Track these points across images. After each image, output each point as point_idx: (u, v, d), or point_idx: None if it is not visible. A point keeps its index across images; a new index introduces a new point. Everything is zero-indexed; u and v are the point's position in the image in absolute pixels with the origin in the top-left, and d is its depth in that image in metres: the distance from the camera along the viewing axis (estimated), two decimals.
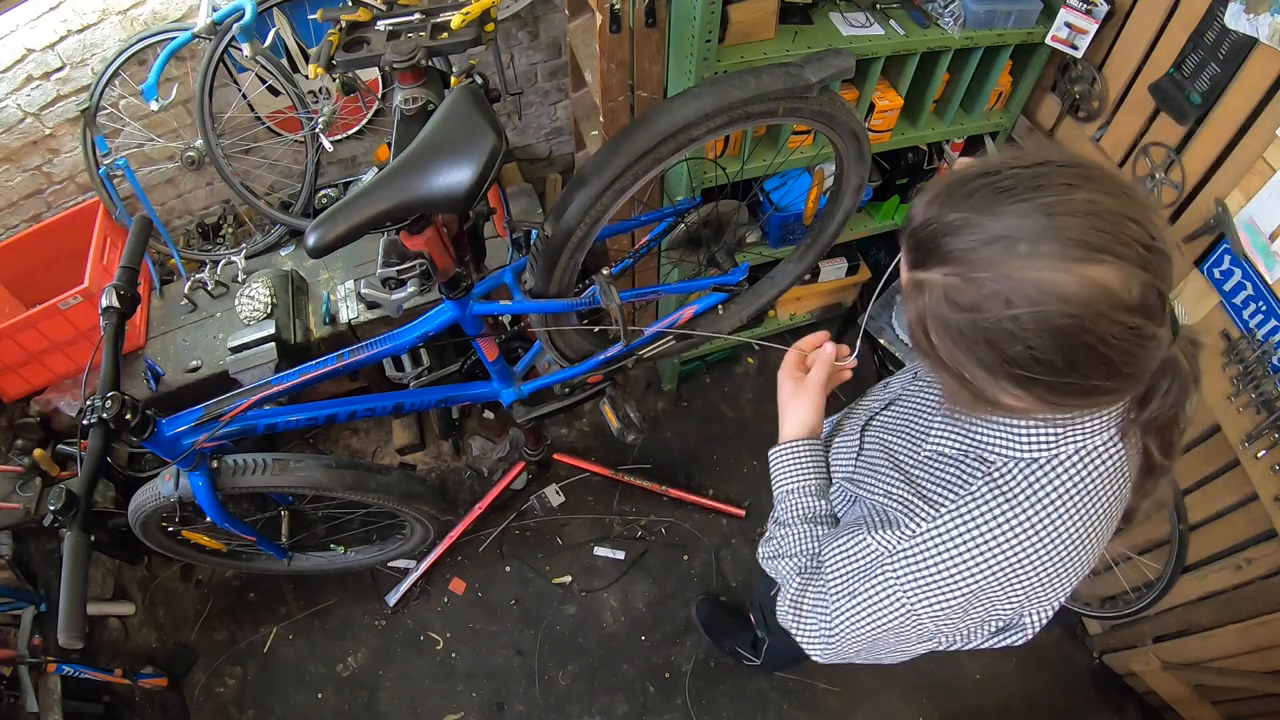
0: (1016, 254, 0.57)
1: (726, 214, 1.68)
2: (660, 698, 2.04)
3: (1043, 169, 0.60)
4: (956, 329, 0.62)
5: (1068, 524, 0.69)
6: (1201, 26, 1.43)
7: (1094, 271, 0.56)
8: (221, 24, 1.87)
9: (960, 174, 0.63)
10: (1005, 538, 0.70)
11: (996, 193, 0.59)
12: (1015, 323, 0.58)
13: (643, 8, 1.40)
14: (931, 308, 0.63)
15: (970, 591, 0.73)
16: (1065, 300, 0.56)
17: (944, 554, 0.72)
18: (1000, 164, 0.61)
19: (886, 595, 0.78)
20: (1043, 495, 0.69)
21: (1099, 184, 0.58)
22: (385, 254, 1.32)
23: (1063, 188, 0.58)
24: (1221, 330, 1.52)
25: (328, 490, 1.56)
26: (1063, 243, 0.56)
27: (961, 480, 0.73)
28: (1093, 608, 2.10)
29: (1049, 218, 0.57)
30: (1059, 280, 0.56)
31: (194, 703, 2.00)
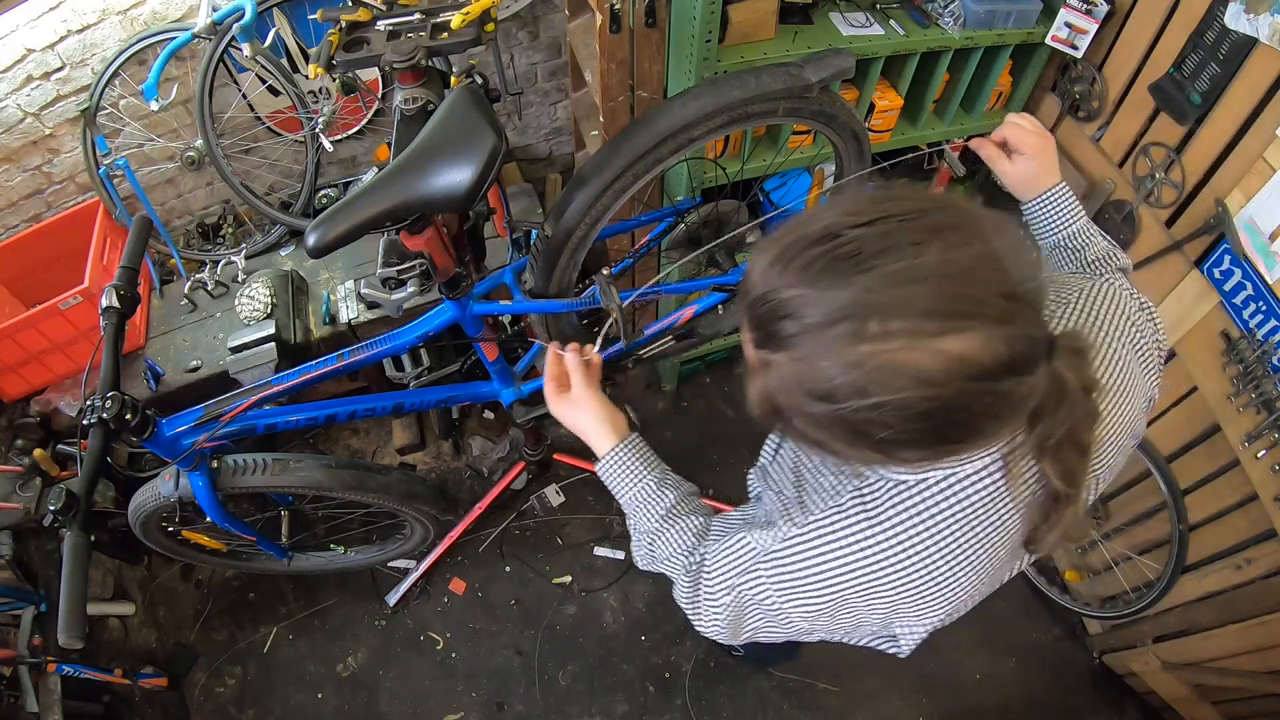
0: (866, 336, 0.52)
1: (726, 214, 1.68)
2: (660, 698, 2.04)
3: (885, 227, 0.53)
4: (811, 416, 0.57)
5: (930, 548, 0.67)
6: (1201, 26, 1.43)
7: (952, 344, 0.51)
8: (221, 24, 1.87)
9: (797, 235, 0.56)
10: (864, 553, 0.69)
11: (836, 261, 0.53)
12: (875, 411, 0.54)
13: (643, 8, 1.40)
14: (782, 393, 0.58)
15: (831, 600, 0.73)
16: (926, 383, 0.52)
17: (806, 560, 0.72)
18: (838, 224, 0.55)
19: (759, 592, 0.78)
20: (906, 517, 0.67)
21: (950, 234, 0.53)
22: (385, 254, 1.32)
23: (910, 249, 0.52)
24: (1221, 330, 1.52)
25: (328, 490, 1.56)
26: (915, 317, 0.51)
27: (835, 489, 0.73)
28: (1093, 608, 2.10)
29: (897, 288, 0.51)
30: (917, 361, 0.51)
31: (194, 703, 2.00)
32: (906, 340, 0.51)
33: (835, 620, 0.77)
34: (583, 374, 0.94)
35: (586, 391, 0.94)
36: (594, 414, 0.93)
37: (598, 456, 0.95)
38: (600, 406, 0.93)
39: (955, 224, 0.54)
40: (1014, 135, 0.96)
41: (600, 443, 0.94)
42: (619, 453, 0.93)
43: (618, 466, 0.93)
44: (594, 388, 0.95)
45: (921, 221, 0.53)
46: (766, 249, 0.58)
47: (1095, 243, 0.96)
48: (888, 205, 0.55)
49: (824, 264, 0.53)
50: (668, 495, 0.92)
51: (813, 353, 0.54)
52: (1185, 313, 1.60)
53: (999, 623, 2.18)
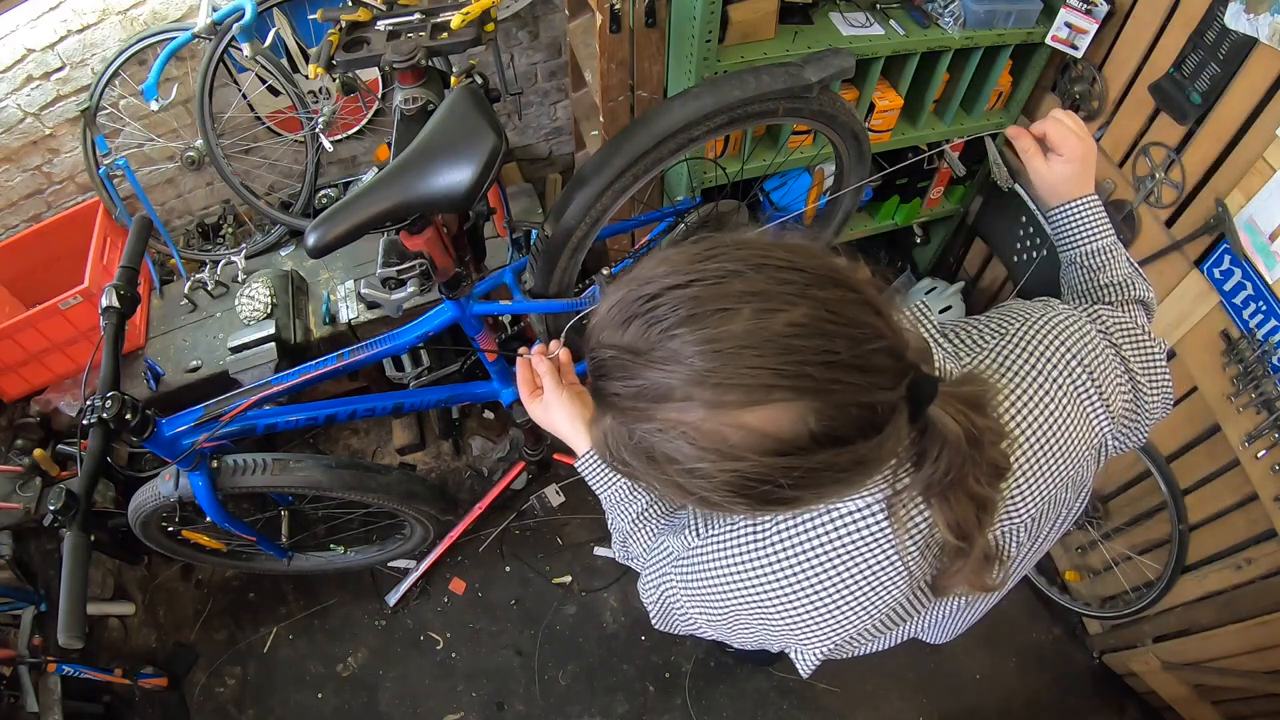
0: (672, 403, 0.51)
1: (726, 214, 1.68)
2: (660, 697, 2.04)
3: (697, 290, 0.51)
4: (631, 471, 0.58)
5: (810, 578, 0.67)
6: (1201, 26, 1.43)
7: (754, 417, 0.50)
8: (221, 24, 1.87)
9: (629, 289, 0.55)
10: (748, 572, 0.69)
11: (649, 325, 0.52)
12: (686, 475, 0.53)
13: (643, 8, 1.40)
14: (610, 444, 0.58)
15: (725, 610, 0.74)
16: (726, 455, 0.51)
17: (702, 570, 0.74)
18: (660, 283, 0.53)
19: (670, 594, 0.82)
20: (788, 544, 0.67)
21: (764, 300, 0.50)
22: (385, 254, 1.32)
23: (716, 316, 0.49)
24: (1221, 330, 1.52)
25: (328, 490, 1.56)
26: (715, 389, 0.49)
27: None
28: (1093, 608, 2.10)
29: (699, 358, 0.49)
30: (718, 433, 0.50)
31: (194, 703, 2.00)
32: (708, 411, 0.50)
33: (734, 631, 0.78)
34: (553, 376, 0.93)
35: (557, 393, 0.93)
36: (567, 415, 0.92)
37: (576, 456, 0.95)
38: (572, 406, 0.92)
39: (772, 289, 0.51)
40: (1055, 133, 0.88)
41: (577, 443, 0.93)
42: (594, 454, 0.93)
43: (594, 467, 0.93)
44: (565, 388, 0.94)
45: (732, 284, 0.51)
46: (609, 296, 0.57)
47: (1117, 267, 0.91)
48: (705, 265, 0.53)
49: (638, 327, 0.52)
50: (640, 498, 0.92)
51: (628, 415, 0.54)
52: (1185, 313, 1.60)
53: (999, 623, 2.18)
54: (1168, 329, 1.65)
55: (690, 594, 0.78)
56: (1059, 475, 0.74)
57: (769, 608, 0.70)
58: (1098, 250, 0.91)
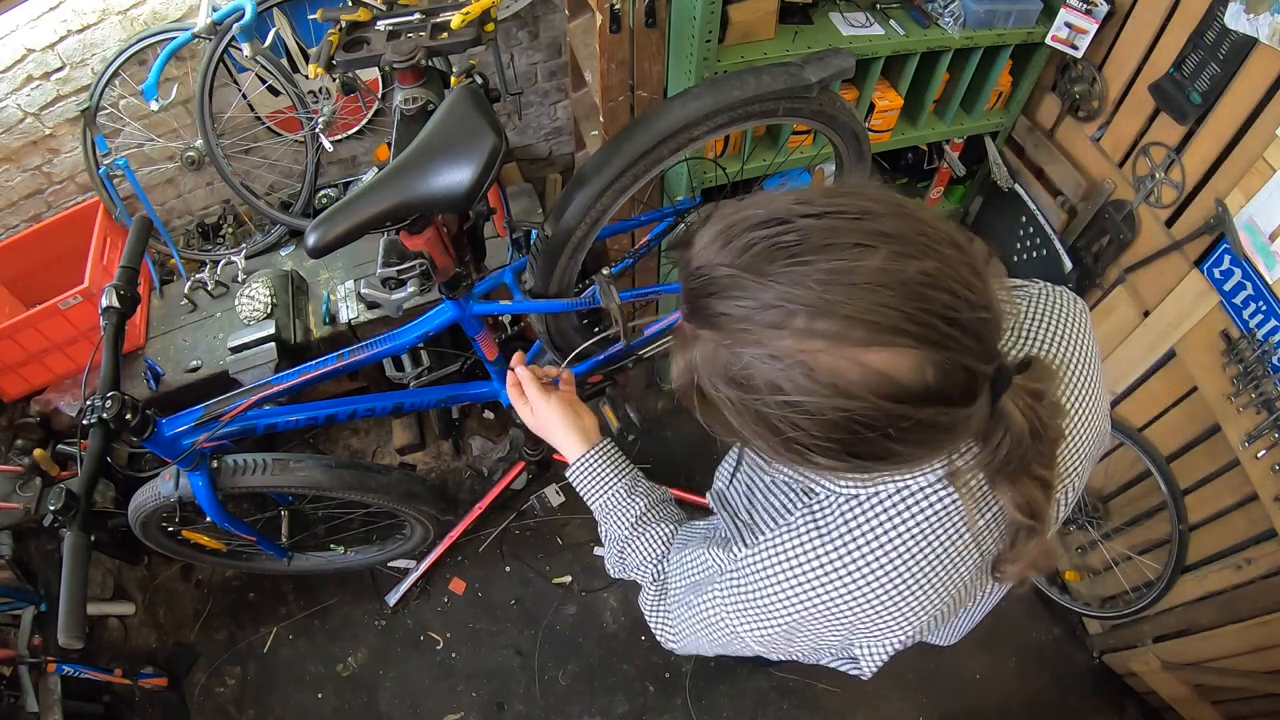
0: (790, 330, 0.49)
1: None
2: (660, 697, 2.04)
3: (834, 221, 0.50)
4: (728, 402, 0.54)
5: (885, 564, 0.65)
6: (1201, 26, 1.43)
7: (877, 358, 0.48)
8: (221, 24, 1.87)
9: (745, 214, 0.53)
10: (817, 572, 0.66)
11: (775, 250, 0.50)
12: (788, 408, 0.51)
13: (643, 8, 1.39)
14: (702, 370, 0.55)
15: (786, 621, 0.70)
16: (841, 392, 0.49)
17: (758, 582, 0.70)
18: (788, 211, 0.51)
19: (713, 612, 0.76)
20: (857, 533, 0.64)
21: (900, 243, 0.49)
22: (385, 254, 1.32)
23: (854, 250, 0.48)
24: (1221, 330, 1.52)
25: (328, 490, 1.56)
26: (842, 321, 0.47)
27: (785, 509, 0.71)
28: (1093, 608, 2.10)
29: (829, 288, 0.48)
30: (836, 367, 0.48)
31: (194, 703, 2.00)
32: (829, 344, 0.48)
33: (791, 643, 0.74)
34: (537, 385, 0.93)
35: (542, 399, 0.93)
36: (557, 422, 0.92)
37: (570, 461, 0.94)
38: (564, 413, 0.92)
39: (908, 234, 0.50)
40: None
41: (568, 449, 0.92)
42: (588, 460, 0.92)
43: (586, 473, 0.92)
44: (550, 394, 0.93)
45: (872, 223, 0.50)
46: (715, 222, 0.55)
47: None
48: (842, 200, 0.52)
49: (763, 249, 0.50)
50: (637, 503, 0.90)
51: (736, 337, 0.51)
52: (1185, 313, 1.60)
53: (999, 623, 2.18)
54: (1168, 329, 1.65)
55: (743, 609, 0.72)
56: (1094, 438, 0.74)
57: (846, 606, 0.67)
58: None
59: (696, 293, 0.54)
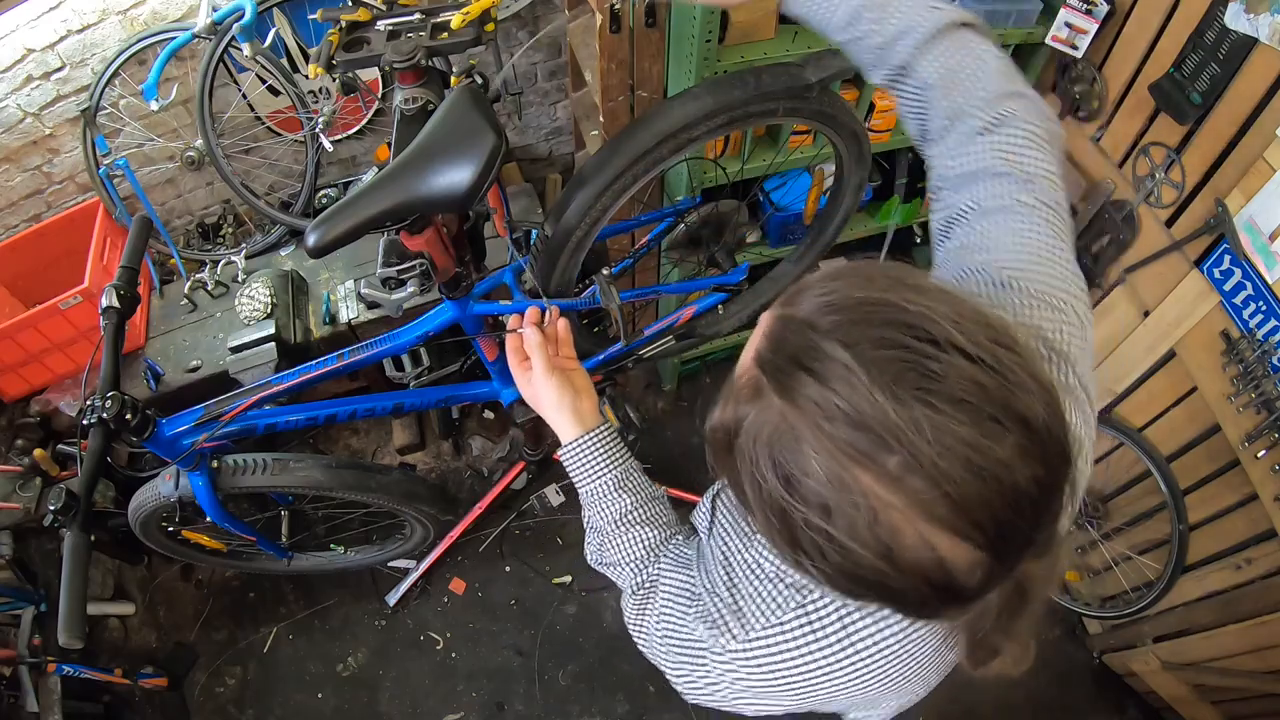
0: (876, 468, 0.43)
1: (726, 214, 1.68)
2: (660, 697, 2.04)
3: (986, 378, 0.43)
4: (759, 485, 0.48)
5: (881, 661, 0.64)
6: (1201, 26, 1.43)
7: (945, 544, 0.43)
8: (221, 24, 1.87)
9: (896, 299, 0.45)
10: (813, 670, 0.65)
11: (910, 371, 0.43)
12: (824, 538, 0.45)
13: (643, 8, 1.40)
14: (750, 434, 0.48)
15: (781, 705, 0.71)
16: (893, 559, 0.44)
17: (751, 674, 0.69)
18: (945, 333, 0.44)
19: (708, 681, 0.74)
20: (855, 632, 0.63)
21: (1031, 436, 0.43)
22: (385, 254, 1.32)
23: (989, 425, 0.42)
24: (1221, 330, 1.52)
25: (328, 490, 1.56)
26: (938, 496, 0.42)
27: (775, 605, 0.67)
28: (1093, 608, 2.10)
29: (946, 455, 0.41)
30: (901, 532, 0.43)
31: (194, 703, 2.00)
32: (908, 505, 0.42)
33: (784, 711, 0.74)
34: (543, 356, 0.88)
35: (546, 373, 0.88)
36: (556, 399, 0.87)
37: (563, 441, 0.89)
38: (562, 392, 0.87)
39: (1042, 427, 0.43)
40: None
41: (563, 430, 0.88)
42: (582, 445, 0.87)
43: (578, 459, 0.88)
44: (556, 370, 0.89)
45: (1020, 401, 0.43)
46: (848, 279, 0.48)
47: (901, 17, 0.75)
48: (1004, 355, 0.44)
49: (894, 360, 0.43)
50: (623, 499, 0.87)
51: (811, 433, 0.44)
52: (1185, 313, 1.60)
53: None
54: (1168, 329, 1.65)
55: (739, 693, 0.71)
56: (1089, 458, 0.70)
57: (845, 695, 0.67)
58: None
59: (794, 352, 0.46)
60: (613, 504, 0.88)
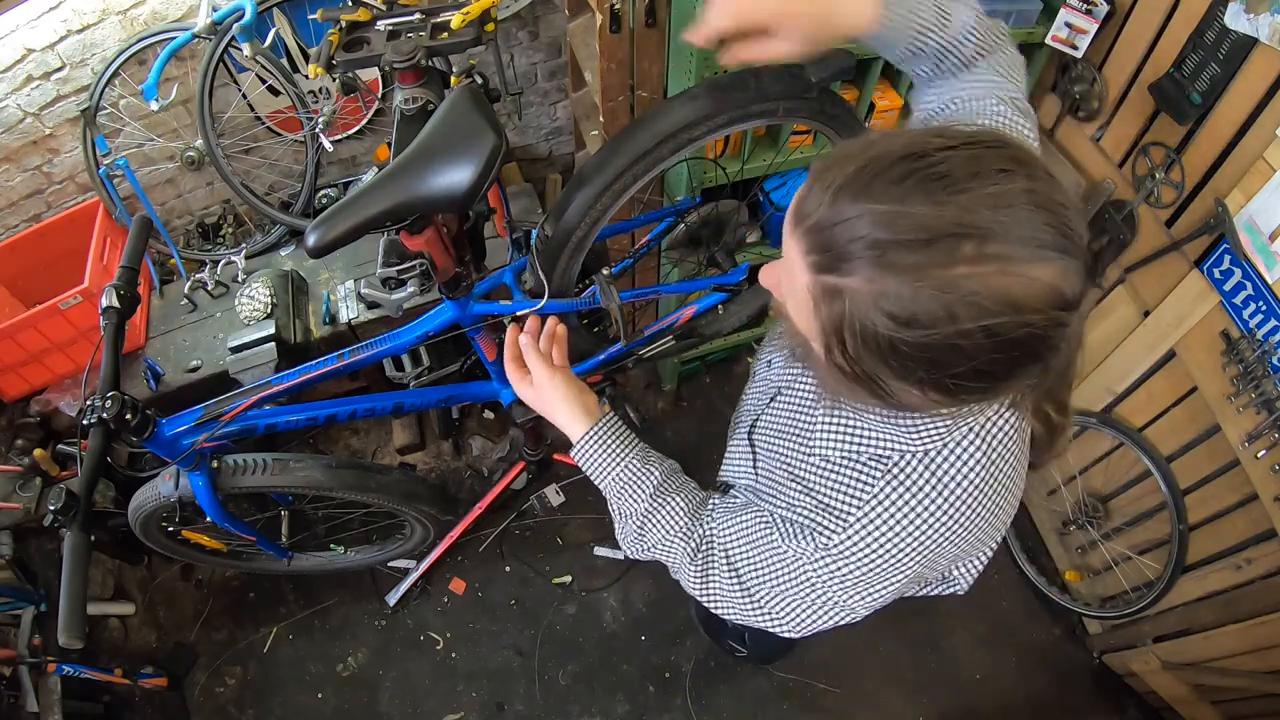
0: (961, 257, 0.49)
1: (726, 214, 1.68)
2: (660, 697, 2.04)
3: (974, 151, 0.52)
4: (889, 344, 0.53)
5: (978, 499, 0.69)
6: (1201, 26, 1.43)
7: (1043, 272, 0.51)
8: (221, 24, 1.87)
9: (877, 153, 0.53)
10: (920, 530, 0.69)
11: (928, 181, 0.51)
12: (963, 338, 0.51)
13: (643, 8, 1.39)
14: (855, 320, 0.54)
15: (902, 581, 0.72)
16: (1019, 309, 0.50)
17: (864, 559, 0.71)
18: (925, 144, 0.53)
19: (817, 596, 0.76)
20: (948, 480, 0.68)
21: (1030, 167, 0.53)
22: (385, 254, 1.32)
23: (1001, 175, 0.51)
24: (1221, 330, 1.52)
25: (328, 490, 1.56)
26: (1011, 242, 0.50)
27: (862, 484, 0.71)
28: (1093, 608, 2.10)
29: (993, 212, 0.50)
30: (1009, 287, 0.50)
31: (194, 703, 2.00)
32: (1000, 265, 0.50)
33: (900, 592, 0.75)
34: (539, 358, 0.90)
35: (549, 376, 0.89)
36: (561, 398, 0.89)
37: (572, 441, 0.90)
38: (566, 389, 0.89)
39: (1030, 159, 0.53)
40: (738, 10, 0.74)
41: (572, 427, 0.89)
42: (597, 434, 0.88)
43: (597, 448, 0.88)
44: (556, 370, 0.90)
45: (1006, 151, 0.53)
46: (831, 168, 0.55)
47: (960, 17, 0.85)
48: (972, 133, 0.54)
49: (915, 182, 0.51)
50: (653, 472, 0.88)
51: (899, 275, 0.50)
52: (1185, 313, 1.60)
53: (999, 623, 2.18)
54: (1168, 329, 1.65)
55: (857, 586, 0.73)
56: None
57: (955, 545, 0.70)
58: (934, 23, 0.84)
59: (837, 239, 0.53)
60: (644, 481, 0.88)
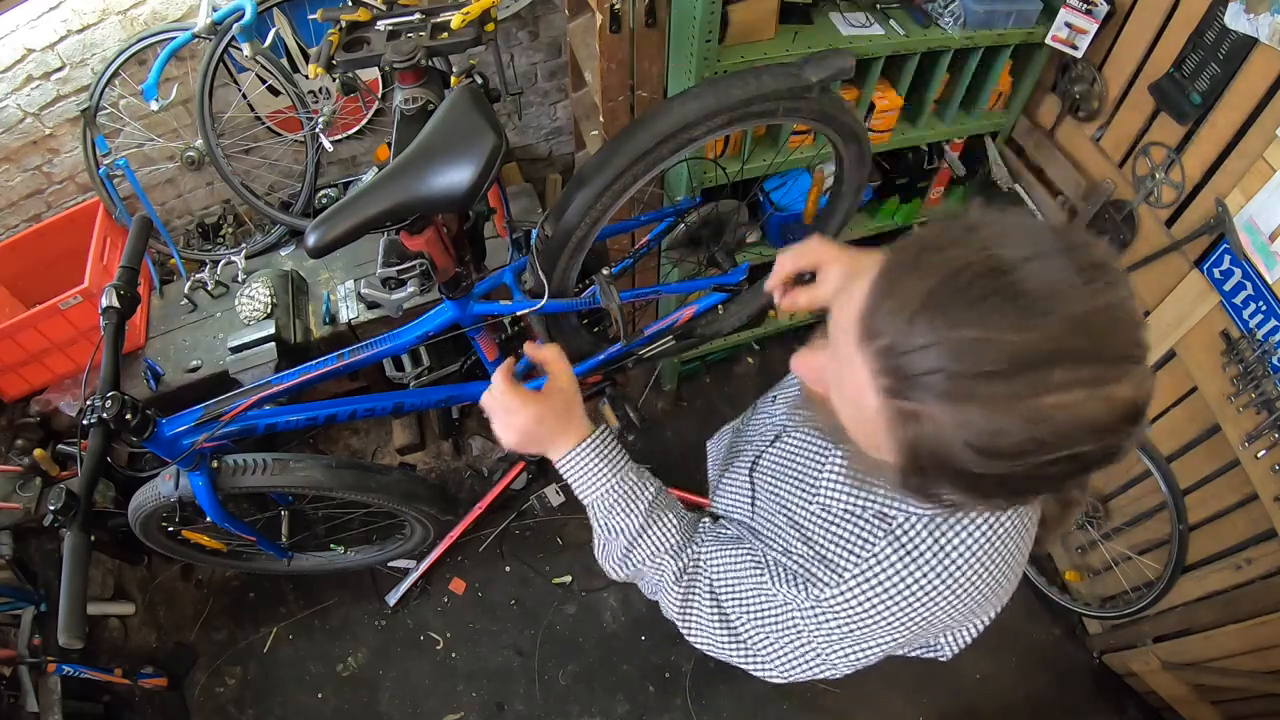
0: (1051, 385, 0.46)
1: (726, 214, 1.68)
2: (660, 697, 2.04)
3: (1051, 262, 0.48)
4: (968, 473, 0.51)
5: (978, 572, 0.66)
6: (1201, 26, 1.43)
7: (1121, 391, 0.48)
8: (221, 24, 1.87)
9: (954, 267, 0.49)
10: (915, 596, 0.66)
11: (1010, 302, 0.47)
12: (1048, 466, 0.49)
13: (643, 8, 1.40)
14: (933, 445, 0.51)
15: (885, 645, 0.71)
16: (1103, 432, 0.49)
17: (854, 617, 0.69)
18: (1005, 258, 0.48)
19: (801, 645, 0.74)
20: (950, 550, 0.65)
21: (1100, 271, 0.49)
22: (385, 254, 1.32)
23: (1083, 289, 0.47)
24: (1221, 330, 1.52)
25: (328, 490, 1.56)
26: (1099, 364, 0.47)
27: (862, 541, 0.69)
28: (1093, 608, 2.10)
29: (1074, 335, 0.46)
30: (1095, 412, 0.48)
31: (194, 703, 2.00)
32: (1089, 390, 0.47)
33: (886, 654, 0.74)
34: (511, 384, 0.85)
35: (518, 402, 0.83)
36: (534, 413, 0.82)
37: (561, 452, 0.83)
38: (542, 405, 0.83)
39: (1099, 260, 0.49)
40: (793, 260, 0.93)
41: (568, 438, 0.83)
42: (596, 444, 0.83)
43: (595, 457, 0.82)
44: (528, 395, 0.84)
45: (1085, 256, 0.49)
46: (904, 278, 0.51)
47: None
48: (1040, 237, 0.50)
49: (997, 304, 0.47)
50: (649, 487, 0.84)
51: (982, 406, 0.48)
52: (1185, 313, 1.60)
53: (999, 623, 2.16)
54: (1168, 329, 1.65)
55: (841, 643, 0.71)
56: None
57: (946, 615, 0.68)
58: None
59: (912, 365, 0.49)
60: (642, 494, 0.84)
